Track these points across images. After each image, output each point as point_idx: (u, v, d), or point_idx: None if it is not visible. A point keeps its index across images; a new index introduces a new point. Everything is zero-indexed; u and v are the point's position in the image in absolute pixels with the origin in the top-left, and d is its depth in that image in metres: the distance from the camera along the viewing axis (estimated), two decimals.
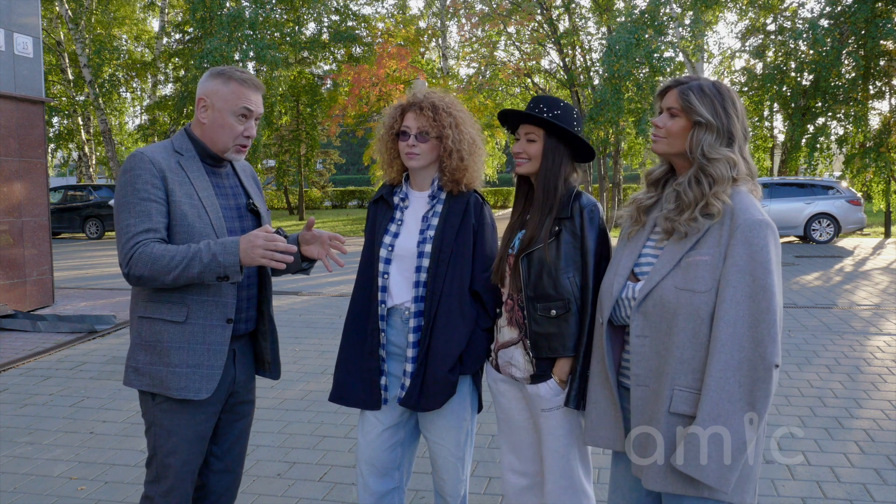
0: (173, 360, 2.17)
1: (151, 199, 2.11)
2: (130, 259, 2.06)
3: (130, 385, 2.23)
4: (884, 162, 17.88)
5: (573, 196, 2.30)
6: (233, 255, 2.05)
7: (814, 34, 17.35)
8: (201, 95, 2.24)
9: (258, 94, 2.26)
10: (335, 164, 40.55)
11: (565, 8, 21.84)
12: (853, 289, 9.37)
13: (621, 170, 24.33)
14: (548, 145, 2.31)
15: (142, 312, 2.21)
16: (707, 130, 1.91)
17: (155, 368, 2.18)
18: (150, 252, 2.05)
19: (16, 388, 5.27)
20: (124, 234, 2.09)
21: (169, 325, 2.17)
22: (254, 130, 2.28)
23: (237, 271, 2.07)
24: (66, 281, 10.64)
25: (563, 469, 2.29)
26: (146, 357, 2.19)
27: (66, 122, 26.87)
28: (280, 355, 2.50)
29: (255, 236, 2.06)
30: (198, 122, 2.27)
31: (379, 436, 2.48)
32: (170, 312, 2.17)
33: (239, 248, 2.06)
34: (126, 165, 2.16)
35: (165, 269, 2.05)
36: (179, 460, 2.21)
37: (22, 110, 8.06)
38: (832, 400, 4.75)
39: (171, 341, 2.17)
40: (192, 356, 2.18)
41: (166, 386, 2.17)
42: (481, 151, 2.48)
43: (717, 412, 1.77)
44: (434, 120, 2.39)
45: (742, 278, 1.78)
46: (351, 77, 21.21)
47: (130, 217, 2.09)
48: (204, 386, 2.19)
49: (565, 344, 2.23)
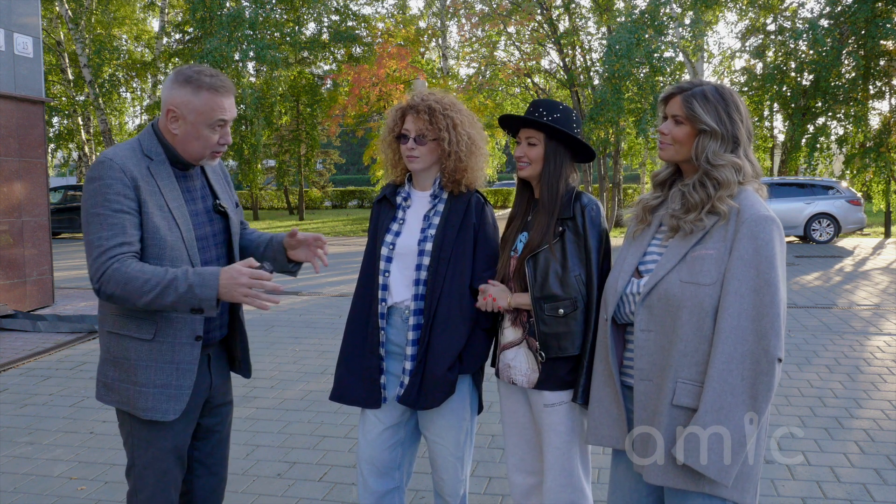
0: (140, 379, 2.09)
1: (124, 211, 2.00)
2: (102, 275, 1.96)
3: (102, 401, 2.16)
4: (884, 162, 17.89)
5: (574, 196, 2.33)
6: (211, 289, 1.94)
7: (814, 34, 17.36)
8: (170, 106, 2.09)
9: (231, 97, 2.14)
10: (335, 164, 40.56)
11: (565, 8, 21.84)
12: (853, 289, 9.37)
13: (621, 170, 24.33)
14: (549, 149, 2.34)
15: (110, 327, 2.13)
16: (712, 138, 1.93)
17: (123, 386, 2.11)
18: (123, 271, 1.94)
19: (16, 388, 5.27)
20: (96, 248, 1.97)
21: (136, 343, 2.09)
22: (229, 137, 2.17)
23: (213, 306, 1.96)
24: (66, 281, 10.64)
25: (564, 466, 2.30)
26: (115, 373, 2.12)
27: (66, 122, 26.87)
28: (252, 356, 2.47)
29: (238, 273, 1.94)
30: (167, 129, 2.13)
31: (379, 435, 2.49)
32: (138, 329, 2.08)
33: (218, 281, 1.94)
34: (94, 172, 2.02)
35: (138, 292, 1.94)
36: (158, 472, 2.17)
37: (22, 110, 8.06)
38: (832, 400, 4.75)
39: (138, 359, 2.09)
40: (160, 375, 2.09)
41: (134, 405, 2.10)
42: (481, 151, 2.48)
43: (719, 404, 1.78)
44: (431, 123, 2.39)
45: (747, 272, 1.80)
46: (351, 77, 21.23)
47: (102, 229, 1.98)
48: (171, 407, 2.11)
49: (574, 342, 2.24)
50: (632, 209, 2.18)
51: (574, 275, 2.25)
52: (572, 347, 2.24)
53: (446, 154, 2.41)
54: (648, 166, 25.11)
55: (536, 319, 2.26)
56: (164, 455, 2.17)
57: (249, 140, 23.54)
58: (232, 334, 2.37)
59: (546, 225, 2.30)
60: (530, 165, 2.36)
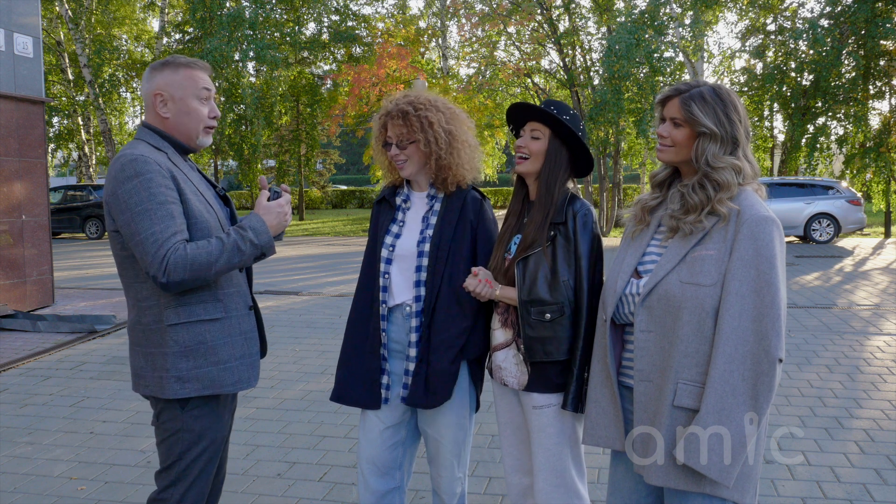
0: (223, 357, 2.16)
1: (170, 202, 2.05)
2: (166, 267, 1.99)
3: (176, 395, 2.14)
4: (884, 162, 17.89)
5: (567, 200, 2.31)
6: (266, 234, 2.11)
7: (814, 34, 17.36)
8: (156, 91, 2.17)
9: (207, 73, 2.25)
10: (335, 163, 40.55)
11: (565, 8, 21.84)
12: (853, 289, 9.37)
13: (621, 170, 24.33)
14: (552, 146, 2.32)
15: (174, 320, 2.12)
16: (711, 140, 1.93)
17: (203, 371, 2.14)
18: (184, 256, 2.00)
19: (16, 388, 5.27)
20: (151, 244, 2.00)
21: (210, 324, 2.15)
22: (217, 110, 2.26)
23: (273, 245, 2.14)
24: (66, 281, 10.65)
25: (554, 467, 2.29)
26: (190, 363, 2.13)
27: (66, 122, 26.88)
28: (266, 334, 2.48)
29: (275, 207, 2.15)
30: (158, 118, 2.20)
31: (380, 434, 2.49)
32: (206, 311, 2.14)
33: (266, 225, 2.12)
34: (130, 171, 2.05)
35: (207, 267, 2.03)
36: (204, 461, 2.20)
37: (22, 110, 8.06)
38: (832, 400, 4.75)
39: (215, 339, 2.15)
40: (237, 349, 2.20)
41: (220, 384, 2.16)
42: (465, 146, 2.44)
43: (720, 405, 1.78)
44: (406, 126, 2.39)
45: (747, 272, 1.80)
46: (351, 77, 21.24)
47: (153, 224, 2.01)
48: (253, 374, 2.24)
49: (559, 347, 2.23)
50: (630, 209, 2.17)
51: (563, 280, 2.23)
52: (558, 352, 2.23)
53: (427, 155, 2.41)
54: (648, 166, 25.10)
55: (522, 323, 2.25)
56: (213, 445, 2.22)
57: (249, 140, 23.54)
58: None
59: (538, 228, 2.28)
60: (529, 160, 2.33)
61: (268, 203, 2.15)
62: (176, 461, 2.19)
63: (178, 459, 2.19)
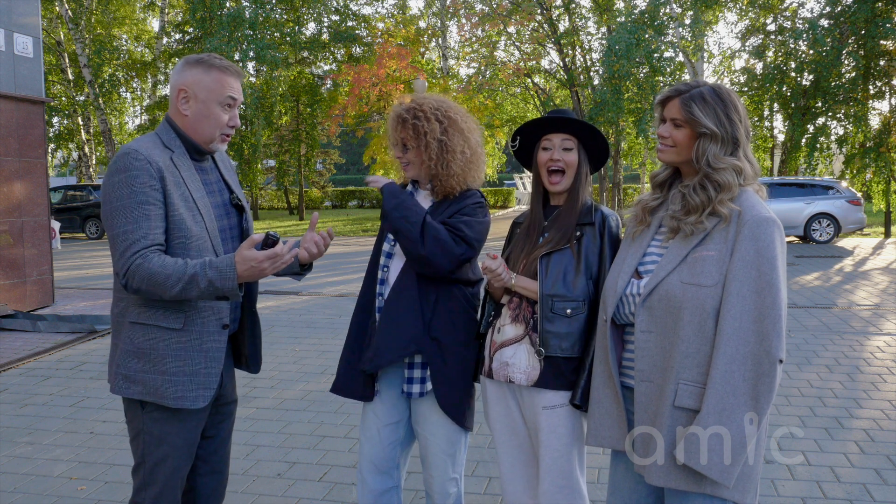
0: (169, 369, 2.09)
1: (150, 203, 2.01)
2: (128, 271, 1.99)
3: (120, 393, 2.14)
4: (884, 162, 17.89)
5: (593, 206, 2.37)
6: (230, 280, 1.97)
7: (814, 34, 17.37)
8: (182, 86, 2.14)
9: (239, 81, 2.21)
10: (335, 164, 40.55)
11: (565, 8, 21.86)
12: (853, 289, 9.37)
13: (621, 170, 24.34)
14: (581, 155, 2.37)
15: (134, 318, 2.10)
16: (712, 140, 1.93)
17: (149, 377, 2.09)
18: (146, 267, 1.96)
19: (16, 388, 5.27)
20: (121, 242, 1.99)
21: (165, 332, 2.09)
22: (237, 119, 2.22)
23: (237, 294, 2.00)
24: (66, 281, 10.65)
25: (563, 469, 2.28)
26: (138, 364, 2.10)
27: (66, 122, 26.89)
28: (262, 350, 2.45)
29: (253, 258, 1.95)
30: (178, 113, 2.17)
31: (378, 432, 2.50)
32: (166, 319, 2.09)
33: (236, 271, 1.96)
34: (120, 164, 2.03)
35: (162, 287, 1.97)
36: (169, 468, 2.16)
37: (22, 110, 8.06)
38: (832, 400, 4.75)
39: (166, 349, 2.09)
40: (189, 364, 2.11)
41: (161, 395, 2.09)
42: (457, 156, 2.43)
43: (721, 406, 1.78)
44: (405, 132, 2.44)
45: (748, 273, 1.80)
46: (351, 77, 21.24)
47: (127, 223, 1.99)
48: (200, 394, 2.13)
49: (574, 344, 2.24)
50: (630, 210, 2.17)
51: (585, 278, 2.26)
52: (572, 349, 2.24)
53: (422, 161, 2.44)
54: (648, 166, 25.13)
55: (541, 317, 2.25)
56: (177, 451, 2.17)
57: (249, 140, 23.56)
58: (241, 329, 2.37)
59: (566, 227, 2.32)
60: (566, 174, 2.35)
61: (247, 252, 1.97)
62: (140, 463, 2.18)
63: (141, 461, 2.18)
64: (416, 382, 2.43)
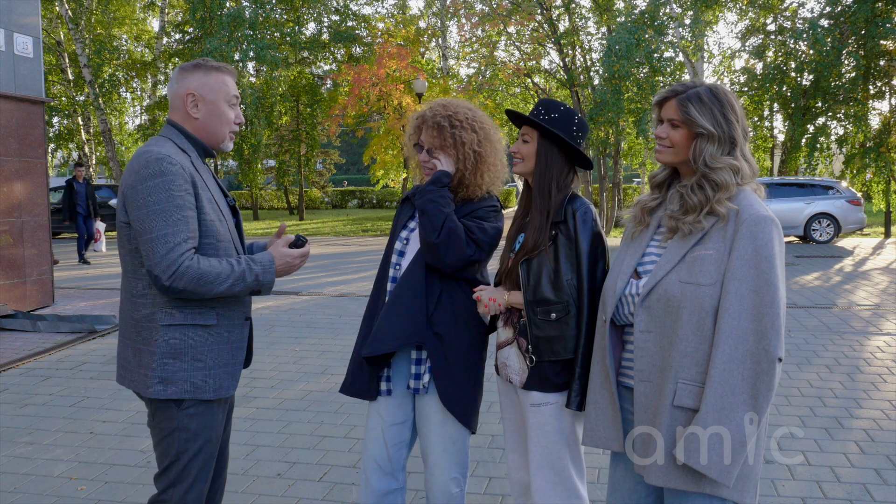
0: (207, 363, 2.19)
1: (187, 206, 2.08)
2: (175, 272, 2.02)
3: (157, 396, 2.16)
4: (884, 162, 17.89)
5: (567, 200, 2.33)
6: (271, 275, 2.19)
7: (814, 34, 17.36)
8: (188, 90, 2.20)
9: (235, 80, 2.31)
10: (335, 163, 40.56)
11: (565, 8, 21.85)
12: (853, 289, 9.37)
13: (621, 170, 24.34)
14: (541, 147, 2.36)
15: (168, 321, 2.14)
16: (709, 141, 1.93)
17: (188, 374, 2.16)
18: (196, 268, 2.05)
19: (16, 388, 5.27)
20: (162, 245, 2.03)
21: (202, 329, 2.18)
22: (242, 116, 2.32)
23: (272, 287, 2.21)
24: (66, 281, 10.65)
25: (553, 465, 2.29)
26: (177, 364, 2.15)
27: (66, 122, 26.89)
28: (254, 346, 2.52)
29: (290, 256, 2.25)
30: (188, 117, 2.23)
31: (383, 433, 2.49)
32: (202, 316, 2.17)
33: (275, 267, 2.21)
34: (154, 168, 2.07)
35: (210, 286, 2.07)
36: (201, 461, 2.22)
37: (22, 110, 8.06)
38: (832, 400, 4.75)
39: (203, 345, 2.18)
40: (222, 356, 2.22)
41: (201, 389, 2.18)
42: (489, 168, 2.49)
43: (720, 405, 1.78)
44: (439, 138, 2.45)
45: (747, 272, 1.80)
46: (351, 77, 21.26)
47: (167, 226, 2.04)
48: (232, 383, 2.27)
49: (566, 346, 2.25)
50: (630, 210, 2.17)
51: (566, 279, 2.25)
52: (565, 351, 2.24)
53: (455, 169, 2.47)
54: (648, 166, 25.12)
55: (529, 323, 2.27)
56: (210, 444, 2.23)
57: (249, 140, 23.56)
58: None
59: (540, 227, 2.31)
60: (522, 162, 2.40)
61: (283, 249, 2.25)
62: (174, 461, 2.20)
63: (175, 460, 2.19)
64: (420, 378, 2.44)
